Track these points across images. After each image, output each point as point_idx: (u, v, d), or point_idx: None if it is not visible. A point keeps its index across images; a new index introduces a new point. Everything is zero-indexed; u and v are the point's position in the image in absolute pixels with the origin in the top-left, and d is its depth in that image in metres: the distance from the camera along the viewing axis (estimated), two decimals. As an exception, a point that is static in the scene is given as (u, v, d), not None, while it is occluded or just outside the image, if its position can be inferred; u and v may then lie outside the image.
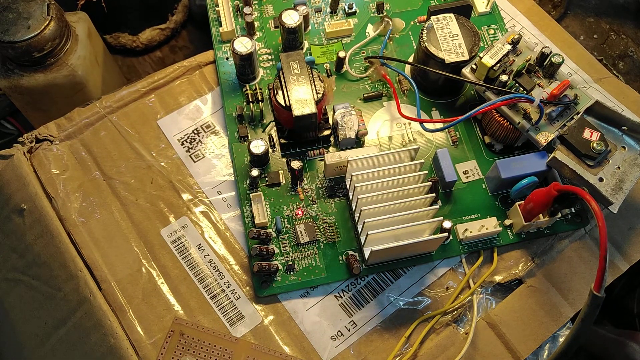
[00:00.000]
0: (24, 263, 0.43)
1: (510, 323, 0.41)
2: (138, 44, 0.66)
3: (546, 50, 0.42)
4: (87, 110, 0.47)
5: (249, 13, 0.49)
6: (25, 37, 0.46)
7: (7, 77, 0.49)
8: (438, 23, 0.45)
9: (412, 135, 0.47)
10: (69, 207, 0.44)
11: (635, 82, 0.62)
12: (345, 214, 0.43)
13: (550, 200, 0.39)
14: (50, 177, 0.45)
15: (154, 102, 0.48)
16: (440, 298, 0.42)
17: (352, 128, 0.44)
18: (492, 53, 0.42)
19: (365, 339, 0.41)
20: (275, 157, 0.45)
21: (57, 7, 0.49)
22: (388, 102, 0.48)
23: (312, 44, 0.50)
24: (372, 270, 0.42)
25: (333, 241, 0.42)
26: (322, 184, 0.44)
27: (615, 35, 0.64)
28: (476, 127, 0.47)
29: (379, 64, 0.48)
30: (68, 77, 0.50)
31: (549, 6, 0.65)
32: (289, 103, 0.42)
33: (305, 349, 0.40)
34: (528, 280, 0.42)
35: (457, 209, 0.44)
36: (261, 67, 0.49)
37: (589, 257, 0.43)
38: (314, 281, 0.41)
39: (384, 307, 0.41)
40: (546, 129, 0.42)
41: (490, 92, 0.43)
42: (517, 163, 0.42)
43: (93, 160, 0.46)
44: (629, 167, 0.41)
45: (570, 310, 0.42)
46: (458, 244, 0.43)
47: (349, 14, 0.51)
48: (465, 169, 0.45)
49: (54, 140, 0.46)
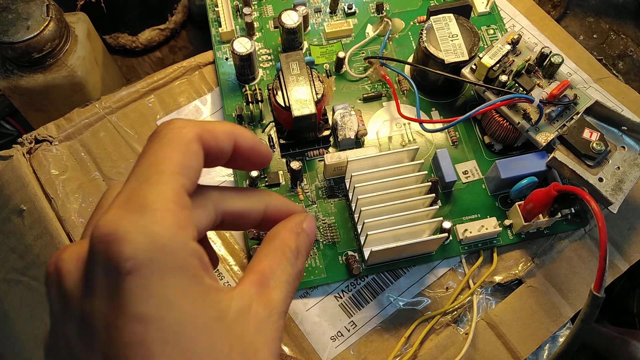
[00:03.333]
0: (23, 264, 0.43)
1: (510, 323, 0.41)
2: (137, 45, 0.66)
3: (546, 50, 0.42)
4: (86, 110, 0.47)
5: (249, 13, 0.49)
6: (25, 37, 0.46)
7: (6, 77, 0.49)
8: (437, 23, 0.45)
9: (411, 135, 0.47)
10: (69, 208, 0.44)
11: (635, 82, 0.62)
12: (345, 214, 0.43)
13: (550, 201, 0.39)
14: (49, 178, 0.44)
15: (154, 102, 0.48)
16: (440, 298, 0.42)
17: (351, 128, 0.44)
18: (491, 53, 0.42)
19: (365, 339, 0.41)
20: (275, 158, 0.45)
21: (56, 8, 0.49)
22: (387, 102, 0.48)
23: (312, 45, 0.50)
24: (371, 270, 0.42)
25: (333, 241, 0.42)
26: (322, 184, 0.44)
27: (615, 35, 0.64)
28: (476, 127, 0.47)
29: (379, 64, 0.48)
30: (67, 77, 0.50)
31: (548, 6, 0.65)
32: (288, 103, 0.42)
33: (305, 349, 0.40)
34: (528, 281, 0.42)
35: (457, 209, 0.44)
36: (261, 68, 0.49)
37: (589, 257, 0.43)
38: (313, 281, 0.41)
39: (384, 307, 0.41)
40: (546, 129, 0.42)
41: (490, 92, 0.43)
42: (516, 163, 0.42)
43: (92, 161, 0.46)
44: (629, 167, 0.41)
45: (570, 311, 0.42)
46: (458, 244, 0.43)
47: (349, 14, 0.51)
48: (465, 169, 0.45)
49: (54, 141, 0.46)
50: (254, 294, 0.24)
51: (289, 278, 0.26)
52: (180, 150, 0.23)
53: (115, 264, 0.20)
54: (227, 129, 0.26)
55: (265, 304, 0.24)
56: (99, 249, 0.21)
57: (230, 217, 0.28)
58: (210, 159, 0.25)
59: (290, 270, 0.26)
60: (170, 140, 0.23)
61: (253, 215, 0.29)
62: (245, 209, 0.28)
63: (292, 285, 0.26)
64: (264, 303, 0.24)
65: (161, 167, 0.22)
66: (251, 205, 0.29)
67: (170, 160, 0.23)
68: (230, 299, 0.23)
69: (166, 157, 0.23)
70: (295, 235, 0.28)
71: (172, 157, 0.23)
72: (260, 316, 0.24)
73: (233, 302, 0.23)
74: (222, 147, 0.25)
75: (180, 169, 0.23)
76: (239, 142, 0.27)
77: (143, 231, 0.21)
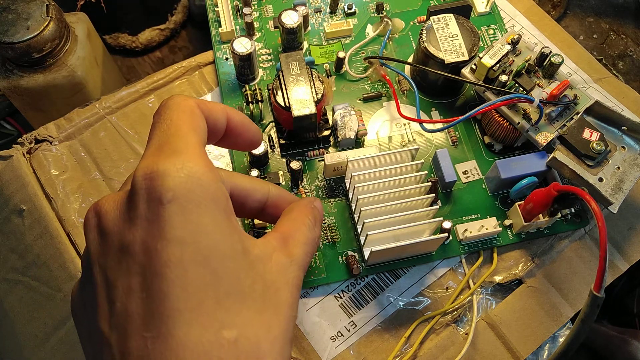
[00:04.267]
0: (23, 264, 0.43)
1: (510, 323, 0.41)
2: (137, 45, 0.66)
3: (546, 50, 0.42)
4: (86, 110, 0.47)
5: (249, 13, 0.49)
6: (25, 37, 0.46)
7: (6, 77, 0.49)
8: (437, 23, 0.45)
9: (411, 135, 0.47)
10: (69, 208, 0.44)
11: (635, 82, 0.62)
12: (345, 214, 0.43)
13: (550, 201, 0.39)
14: (49, 178, 0.44)
15: (154, 102, 0.48)
16: (440, 298, 0.42)
17: (351, 128, 0.44)
18: (491, 53, 0.42)
19: (365, 339, 0.41)
20: (275, 158, 0.45)
21: (56, 8, 0.49)
22: (387, 102, 0.48)
23: (312, 45, 0.50)
24: (372, 270, 0.42)
25: (333, 241, 0.42)
26: (322, 184, 0.44)
27: (614, 35, 0.64)
28: (476, 127, 0.47)
29: (379, 64, 0.48)
30: (67, 77, 0.50)
31: (548, 6, 0.65)
32: (288, 103, 0.42)
33: (305, 349, 0.40)
34: (528, 281, 0.42)
35: (457, 209, 0.44)
36: (261, 68, 0.49)
37: (589, 257, 0.43)
38: (313, 281, 0.41)
39: (384, 307, 0.41)
40: (546, 129, 0.42)
41: (490, 92, 0.43)
42: (516, 163, 0.42)
43: (92, 161, 0.46)
44: (629, 167, 0.41)
45: (570, 311, 0.42)
46: (458, 244, 0.43)
47: (349, 14, 0.51)
48: (465, 169, 0.45)
49: (54, 141, 0.46)
50: (276, 246, 0.27)
51: (308, 240, 0.29)
52: (188, 114, 0.27)
53: (158, 194, 0.23)
54: (221, 105, 0.30)
55: (287, 254, 0.27)
56: (141, 185, 0.24)
57: (237, 193, 0.31)
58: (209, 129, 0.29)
59: (308, 235, 0.30)
60: (177, 108, 0.27)
61: (257, 196, 0.32)
62: (251, 187, 0.32)
63: (310, 247, 0.29)
64: (285, 253, 0.27)
65: (179, 125, 0.26)
66: (256, 185, 0.32)
67: (184, 121, 0.26)
68: (254, 244, 0.26)
69: (180, 118, 0.26)
70: (310, 209, 0.31)
71: (184, 118, 0.26)
72: (281, 262, 0.27)
73: (256, 247, 0.26)
74: (216, 118, 0.29)
75: (194, 127, 0.27)
76: (230, 116, 0.31)
77: (180, 168, 0.24)
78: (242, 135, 0.32)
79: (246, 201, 0.32)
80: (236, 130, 0.31)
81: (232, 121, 0.31)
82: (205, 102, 0.29)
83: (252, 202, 0.32)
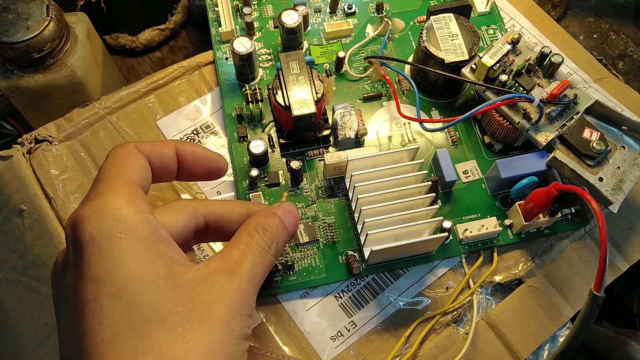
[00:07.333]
0: (23, 264, 0.43)
1: (510, 323, 0.41)
2: (137, 45, 0.66)
3: (546, 50, 0.42)
4: (86, 110, 0.47)
5: (249, 13, 0.49)
6: (25, 37, 0.46)
7: (6, 77, 0.49)
8: (437, 23, 0.45)
9: (411, 135, 0.47)
10: (69, 208, 0.44)
11: (635, 82, 0.62)
12: (345, 213, 0.43)
13: (550, 200, 0.39)
14: (49, 178, 0.44)
15: (154, 102, 0.48)
16: (440, 298, 0.42)
17: (351, 128, 0.44)
18: (491, 53, 0.42)
19: (365, 339, 0.40)
20: (275, 157, 0.45)
21: (56, 8, 0.49)
22: (388, 102, 0.48)
23: (312, 44, 0.50)
24: (371, 270, 0.42)
25: (333, 241, 0.42)
26: (322, 184, 0.44)
27: (614, 35, 0.64)
28: (476, 127, 0.47)
29: (379, 64, 0.48)
30: (67, 77, 0.50)
31: (548, 6, 0.65)
32: (288, 103, 0.42)
33: (305, 349, 0.40)
34: (528, 280, 0.42)
35: (457, 208, 0.44)
36: (260, 67, 0.49)
37: (589, 257, 0.43)
38: (313, 281, 0.41)
39: (384, 307, 0.41)
40: (546, 129, 0.42)
41: (490, 91, 0.43)
42: (517, 163, 0.42)
43: (92, 161, 0.46)
44: (629, 167, 0.41)
45: (570, 310, 0.42)
46: (458, 244, 0.43)
47: (349, 14, 0.51)
48: (465, 169, 0.45)
49: (53, 141, 0.46)
50: (214, 268, 0.28)
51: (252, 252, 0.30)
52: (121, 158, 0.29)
53: (78, 238, 0.25)
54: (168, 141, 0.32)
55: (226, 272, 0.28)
56: (68, 233, 0.26)
57: (213, 219, 0.32)
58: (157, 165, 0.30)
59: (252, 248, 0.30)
60: (113, 155, 0.29)
61: (235, 217, 0.33)
62: (226, 210, 0.33)
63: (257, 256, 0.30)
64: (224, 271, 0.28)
65: (108, 171, 0.28)
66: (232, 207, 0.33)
67: (114, 165, 0.29)
68: (186, 269, 0.27)
69: (111, 164, 0.29)
70: (263, 218, 0.31)
71: (115, 163, 0.29)
72: (217, 281, 0.27)
73: (189, 272, 0.27)
74: (162, 153, 0.31)
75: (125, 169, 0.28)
76: (179, 147, 0.31)
77: (97, 209, 0.26)
78: (196, 164, 0.32)
79: (224, 224, 0.33)
80: (187, 159, 0.32)
81: (181, 152, 0.31)
82: (148, 142, 0.30)
83: (231, 224, 0.33)
